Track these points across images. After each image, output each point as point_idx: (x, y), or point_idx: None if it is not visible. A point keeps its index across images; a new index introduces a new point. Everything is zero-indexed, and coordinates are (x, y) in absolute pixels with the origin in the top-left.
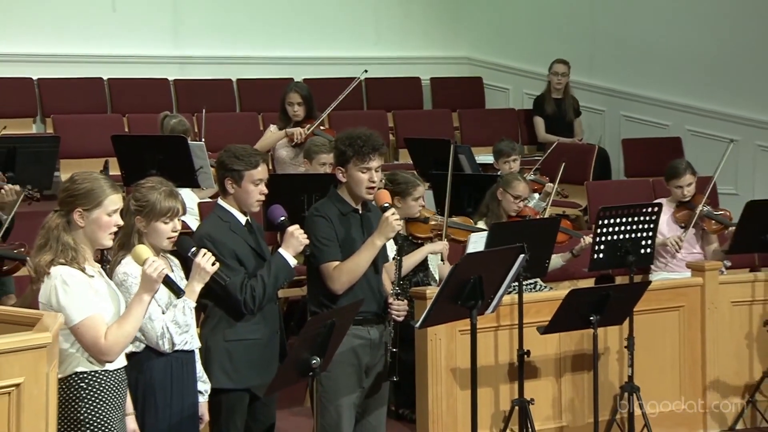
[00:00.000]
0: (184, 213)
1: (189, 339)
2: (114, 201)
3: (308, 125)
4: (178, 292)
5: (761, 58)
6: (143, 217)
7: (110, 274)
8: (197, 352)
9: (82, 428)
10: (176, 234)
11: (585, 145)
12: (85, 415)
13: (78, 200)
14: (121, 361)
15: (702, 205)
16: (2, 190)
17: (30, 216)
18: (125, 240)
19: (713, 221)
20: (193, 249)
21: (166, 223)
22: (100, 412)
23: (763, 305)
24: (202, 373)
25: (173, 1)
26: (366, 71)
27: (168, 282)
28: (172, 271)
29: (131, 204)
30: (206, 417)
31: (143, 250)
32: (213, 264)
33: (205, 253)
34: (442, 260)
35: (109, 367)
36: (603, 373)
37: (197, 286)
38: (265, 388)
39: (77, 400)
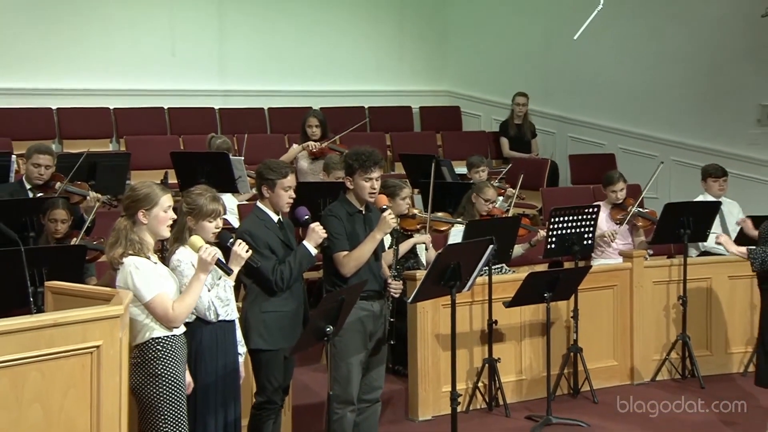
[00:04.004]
0: (225, 213)
1: (230, 311)
2: (167, 200)
3: (323, 141)
4: (227, 271)
5: (677, 93)
6: (193, 216)
7: (167, 260)
8: (237, 321)
9: (160, 381)
10: (219, 230)
11: (540, 160)
12: (162, 370)
13: (140, 203)
14: (182, 328)
15: (633, 206)
16: (88, 197)
17: (107, 216)
18: (179, 235)
19: (642, 218)
20: (231, 240)
21: (210, 221)
22: (172, 367)
23: (677, 284)
24: (240, 338)
25: (219, 48)
26: (368, 120)
27: (219, 263)
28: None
29: (183, 206)
30: (243, 373)
31: (198, 239)
32: (247, 251)
33: (240, 243)
34: (426, 249)
35: (175, 332)
36: (554, 338)
37: (235, 269)
38: (290, 349)
39: (155, 360)
